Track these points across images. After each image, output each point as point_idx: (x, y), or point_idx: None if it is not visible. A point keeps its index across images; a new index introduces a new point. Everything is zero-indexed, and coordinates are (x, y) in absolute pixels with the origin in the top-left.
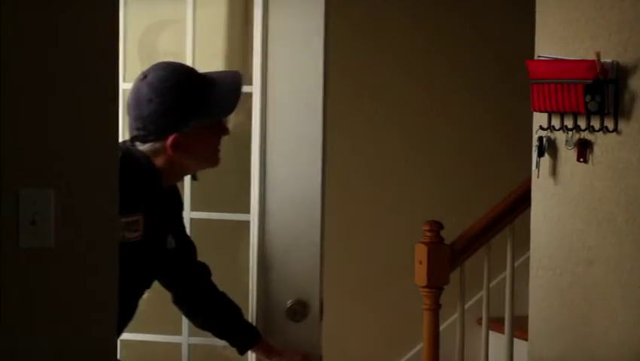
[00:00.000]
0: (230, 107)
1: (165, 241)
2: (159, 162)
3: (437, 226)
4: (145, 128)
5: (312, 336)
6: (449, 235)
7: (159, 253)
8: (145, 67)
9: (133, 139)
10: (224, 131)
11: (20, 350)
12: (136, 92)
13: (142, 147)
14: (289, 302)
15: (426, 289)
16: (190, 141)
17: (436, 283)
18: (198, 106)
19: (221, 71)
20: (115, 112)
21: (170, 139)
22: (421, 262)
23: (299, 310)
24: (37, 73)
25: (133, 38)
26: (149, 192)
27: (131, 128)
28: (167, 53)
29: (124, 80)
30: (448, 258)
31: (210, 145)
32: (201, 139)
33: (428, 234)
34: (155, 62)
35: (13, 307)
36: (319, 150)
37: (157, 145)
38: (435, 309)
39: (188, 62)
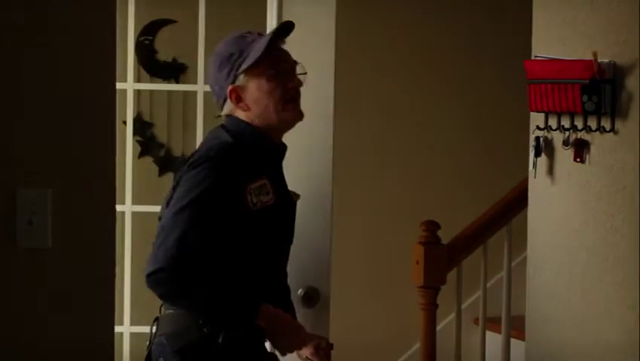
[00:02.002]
0: (261, 48)
1: (290, 196)
2: (248, 120)
3: (433, 226)
4: (214, 92)
5: (322, 321)
6: (446, 235)
7: (292, 210)
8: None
9: (219, 109)
10: (277, 78)
11: (19, 349)
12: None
13: (224, 113)
14: (302, 289)
15: (423, 289)
16: (247, 91)
17: (433, 283)
18: (240, 51)
19: None
20: (112, 111)
21: (227, 92)
22: (418, 262)
23: (311, 297)
24: (35, 73)
25: (130, 38)
26: (259, 152)
27: (214, 101)
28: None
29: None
30: (445, 258)
31: (269, 94)
32: (256, 88)
33: (425, 234)
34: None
35: (11, 308)
36: (329, 151)
37: (228, 104)
38: (432, 309)
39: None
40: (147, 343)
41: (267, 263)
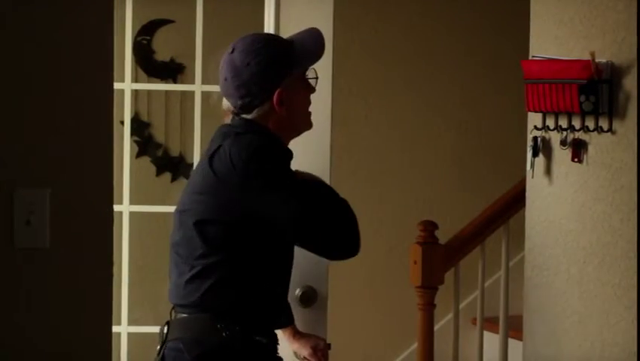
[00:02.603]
0: (318, 49)
1: None
2: (271, 126)
3: (431, 226)
4: (250, 92)
5: (320, 321)
6: (444, 235)
7: None
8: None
9: (240, 110)
10: (311, 88)
11: (16, 349)
12: (230, 64)
13: (250, 116)
14: (299, 289)
15: (420, 289)
16: (290, 95)
17: (430, 283)
18: (290, 55)
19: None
20: (110, 112)
21: (276, 95)
22: (415, 262)
23: (308, 297)
24: (32, 72)
25: (128, 38)
26: (289, 157)
27: (234, 101)
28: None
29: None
30: (442, 258)
31: (306, 99)
32: (298, 92)
33: (422, 234)
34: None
35: (8, 308)
36: (327, 152)
37: (265, 107)
38: (429, 309)
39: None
40: (158, 347)
41: (283, 264)
